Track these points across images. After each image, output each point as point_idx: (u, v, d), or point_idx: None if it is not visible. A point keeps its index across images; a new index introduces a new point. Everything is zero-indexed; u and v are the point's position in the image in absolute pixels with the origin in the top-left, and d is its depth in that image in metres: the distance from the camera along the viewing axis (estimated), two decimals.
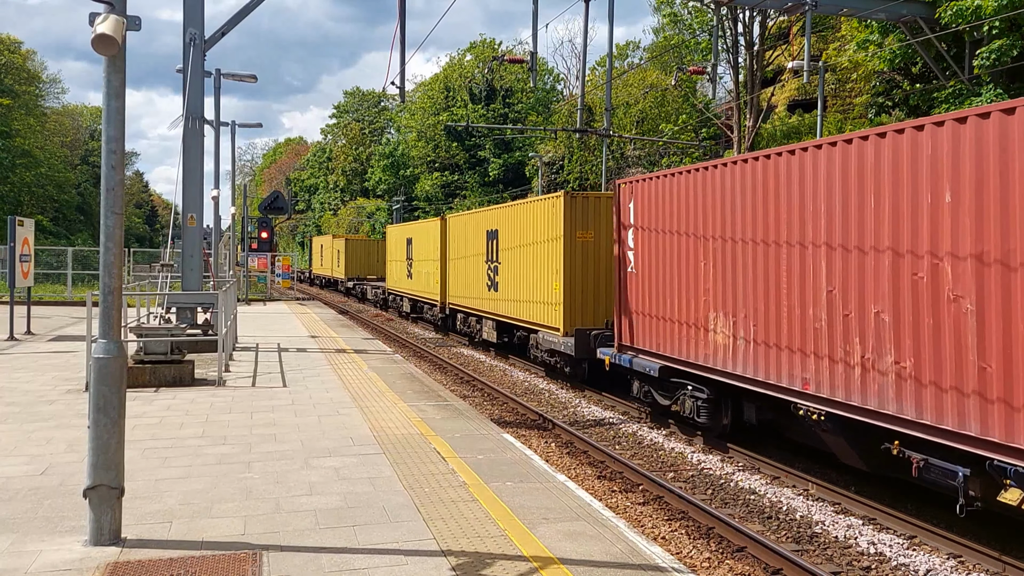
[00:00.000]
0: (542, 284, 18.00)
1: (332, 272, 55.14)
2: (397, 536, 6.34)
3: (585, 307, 16.79)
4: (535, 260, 18.45)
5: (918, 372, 7.99)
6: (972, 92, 18.87)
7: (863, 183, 8.74)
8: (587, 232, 16.86)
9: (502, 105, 63.16)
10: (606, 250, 16.40)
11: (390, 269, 38.44)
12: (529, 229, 18.95)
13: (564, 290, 16.73)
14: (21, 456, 8.52)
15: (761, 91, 40.99)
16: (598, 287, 16.75)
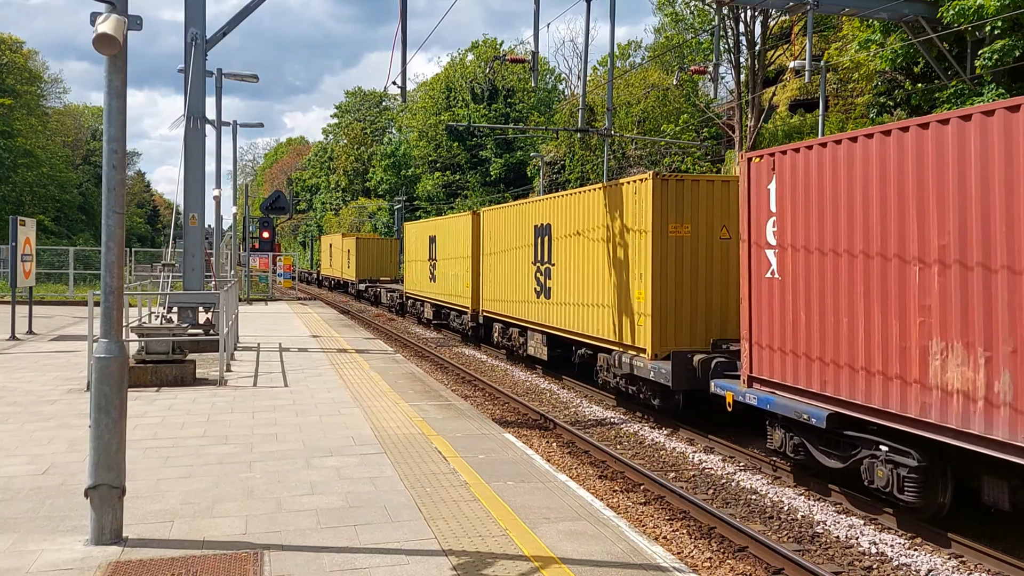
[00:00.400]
0: (616, 291, 14.54)
1: (341, 273, 51.84)
2: (398, 536, 6.34)
3: (680, 322, 13.29)
4: (605, 261, 15.04)
5: None
6: (974, 92, 18.85)
7: None
8: (683, 225, 13.31)
9: (504, 105, 63.18)
10: (709, 248, 13.39)
11: (409, 270, 34.62)
12: (596, 222, 15.47)
13: (653, 300, 13.20)
14: (23, 456, 8.53)
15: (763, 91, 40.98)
16: (696, 296, 13.35)
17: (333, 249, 56.06)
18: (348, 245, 48.39)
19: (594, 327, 15.51)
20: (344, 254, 50.16)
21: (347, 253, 48.69)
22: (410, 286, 33.92)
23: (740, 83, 40.83)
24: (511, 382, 18.70)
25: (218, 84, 27.07)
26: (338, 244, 53.51)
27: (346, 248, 49.16)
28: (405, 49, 17.06)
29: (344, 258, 50.31)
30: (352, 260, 46.94)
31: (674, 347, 12.98)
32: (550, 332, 17.90)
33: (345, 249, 49.65)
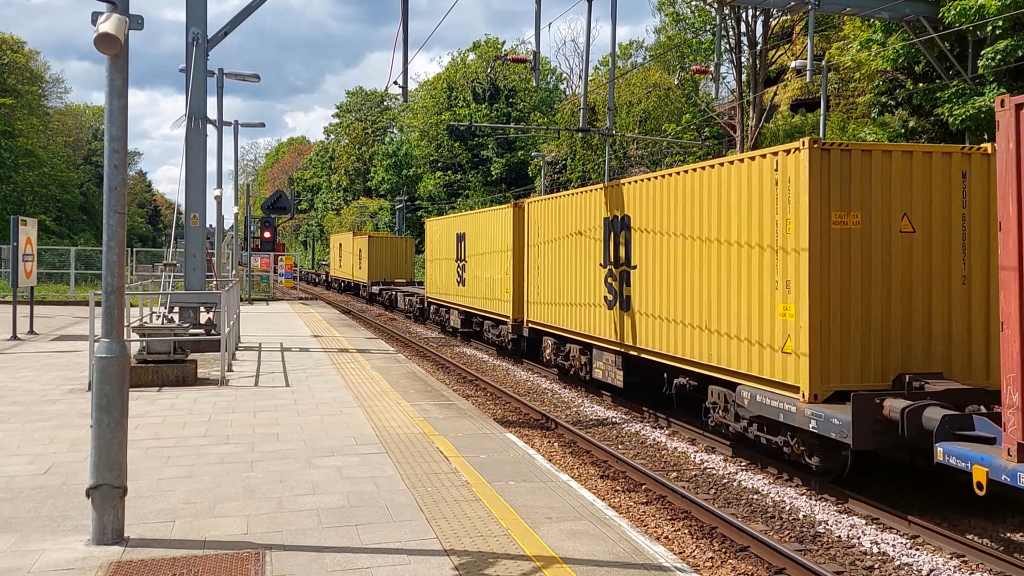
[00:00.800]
0: (741, 304, 10.82)
1: (352, 275, 48.17)
2: (400, 535, 6.34)
3: (849, 350, 9.60)
4: (721, 263, 11.33)
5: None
6: (975, 92, 18.84)
7: None
8: (850, 214, 9.67)
9: (505, 105, 63.20)
10: (885, 245, 9.77)
11: (431, 272, 30.41)
12: (707, 212, 11.71)
13: (811, 318, 9.49)
14: (24, 455, 8.53)
15: (764, 90, 40.97)
16: (870, 313, 9.66)
17: (343, 249, 52.35)
18: (360, 244, 44.70)
19: (703, 350, 11.77)
20: (355, 254, 46.72)
21: (358, 253, 45.16)
22: (433, 290, 29.80)
23: (741, 83, 40.83)
24: (513, 382, 18.69)
25: (219, 84, 27.08)
26: (348, 244, 49.81)
27: (357, 248, 45.74)
28: (406, 49, 17.06)
29: (355, 258, 46.85)
30: (364, 260, 43.43)
31: (839, 384, 9.47)
32: (628, 353, 14.11)
33: (356, 249, 46.12)
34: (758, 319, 10.48)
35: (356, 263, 46.36)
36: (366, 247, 43.07)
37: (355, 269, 46.98)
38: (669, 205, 12.84)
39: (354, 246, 46.97)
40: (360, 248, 44.72)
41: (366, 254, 43.04)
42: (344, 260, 51.77)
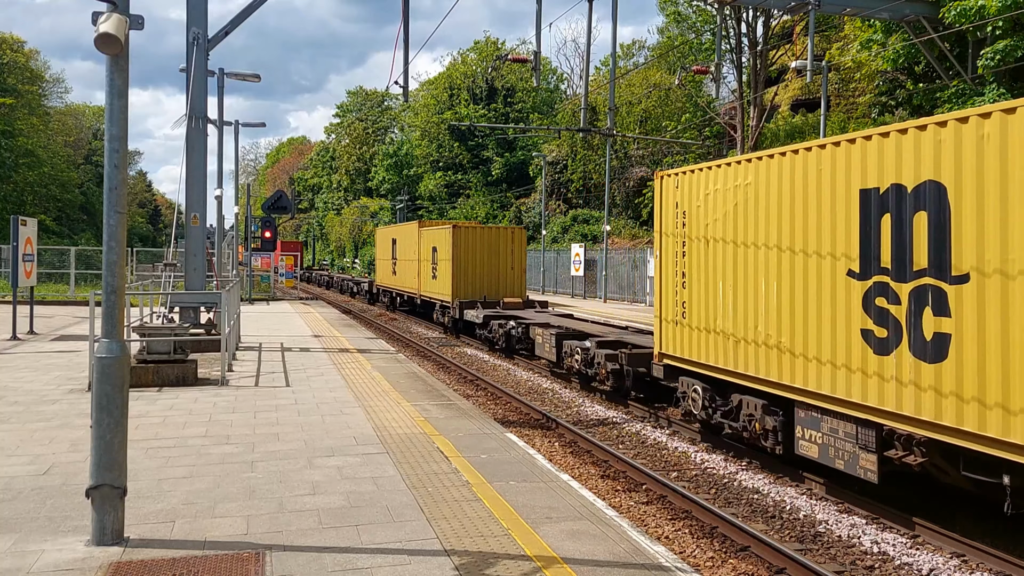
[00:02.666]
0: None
1: (420, 287, 31.68)
2: (400, 536, 6.33)
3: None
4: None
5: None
6: (975, 92, 18.83)
7: None
8: None
9: (503, 104, 63.19)
10: None
11: (671, 285, 12.59)
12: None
13: None
14: (24, 456, 8.53)
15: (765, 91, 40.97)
16: None
17: (400, 248, 36.09)
18: (434, 240, 29.67)
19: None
20: (423, 256, 31.27)
21: (430, 254, 30.17)
22: (680, 342, 12.38)
23: (742, 83, 40.82)
24: (513, 382, 18.69)
25: (220, 84, 27.09)
26: (410, 239, 33.63)
27: (428, 245, 30.53)
28: (407, 49, 17.08)
29: (423, 263, 31.31)
30: (444, 266, 28.08)
31: None
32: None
33: (426, 246, 30.73)
34: None
35: (425, 270, 30.90)
36: (447, 243, 27.75)
37: (425, 279, 31.06)
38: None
39: (422, 244, 31.44)
40: (435, 245, 29.55)
41: (447, 255, 27.80)
42: (402, 265, 35.58)
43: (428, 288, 30.61)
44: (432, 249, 29.82)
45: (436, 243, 29.39)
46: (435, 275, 29.37)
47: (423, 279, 31.42)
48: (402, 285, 35.69)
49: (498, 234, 28.14)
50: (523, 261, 28.18)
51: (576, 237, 47.59)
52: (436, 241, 29.40)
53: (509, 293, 27.25)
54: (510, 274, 27.75)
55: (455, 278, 27.13)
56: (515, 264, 27.82)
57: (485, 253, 27.66)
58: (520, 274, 27.91)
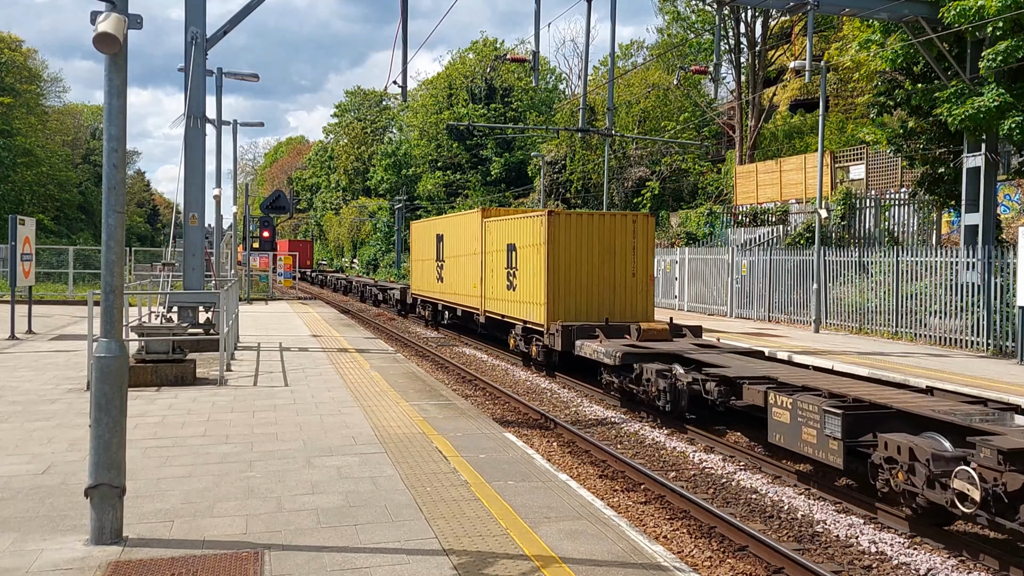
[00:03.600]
0: None
1: (483, 300, 23.42)
2: (399, 535, 6.34)
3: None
4: None
5: None
6: (974, 92, 18.84)
7: None
8: None
9: (501, 104, 63.20)
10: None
11: None
12: None
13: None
14: (23, 455, 8.53)
15: (763, 91, 41.00)
16: None
17: (449, 245, 27.15)
18: (511, 234, 21.07)
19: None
20: (490, 257, 22.76)
21: (502, 255, 21.61)
22: None
23: (741, 83, 40.85)
24: (512, 382, 18.69)
25: (218, 83, 27.09)
26: (467, 234, 24.98)
27: (499, 240, 21.90)
28: (406, 48, 17.09)
29: (490, 266, 22.76)
30: (532, 272, 19.55)
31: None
32: None
33: (496, 243, 22.21)
34: None
35: (495, 277, 22.14)
36: (537, 240, 19.05)
37: (493, 289, 22.38)
38: None
39: (489, 240, 22.74)
40: (511, 242, 20.86)
41: (538, 256, 19.01)
42: (453, 269, 26.51)
43: (499, 302, 21.65)
44: (508, 248, 20.87)
45: (514, 238, 20.48)
46: (512, 284, 20.51)
47: (491, 289, 22.48)
48: (453, 295, 26.47)
49: (614, 224, 18.85)
50: (650, 264, 19.05)
51: None
52: (515, 235, 20.50)
53: (631, 313, 18.73)
54: (631, 284, 18.71)
55: (551, 290, 18.38)
56: (639, 268, 18.78)
57: (596, 253, 18.64)
58: (647, 284, 18.94)
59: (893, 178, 30.47)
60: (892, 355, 17.21)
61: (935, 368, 15.32)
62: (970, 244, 19.95)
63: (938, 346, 19.69)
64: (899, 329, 21.40)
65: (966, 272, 19.65)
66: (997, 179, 20.96)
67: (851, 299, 23.25)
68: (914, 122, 22.44)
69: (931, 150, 22.49)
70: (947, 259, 20.29)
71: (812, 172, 30.61)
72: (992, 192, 20.16)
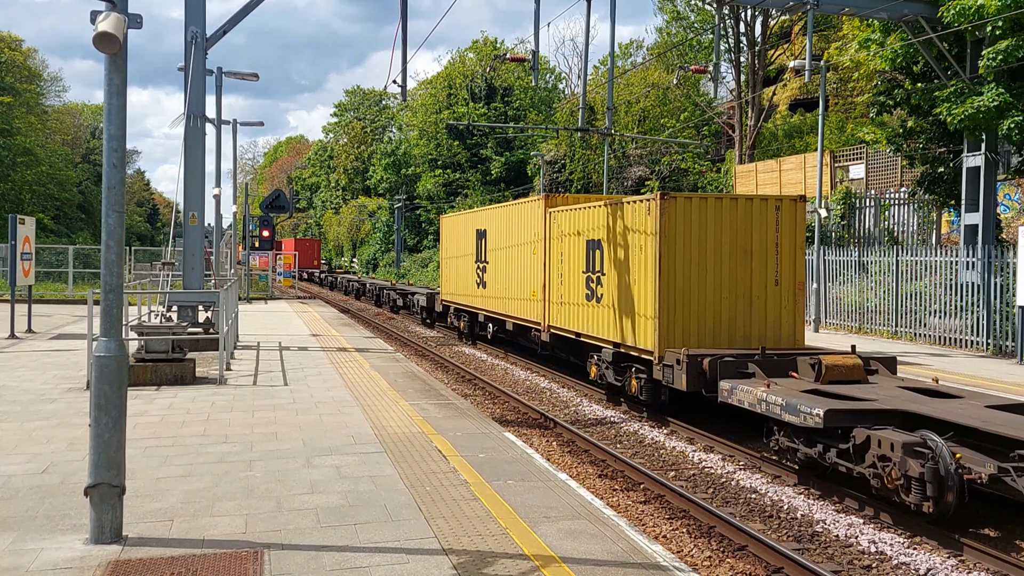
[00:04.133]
0: None
1: (547, 312, 18.23)
2: (399, 535, 6.34)
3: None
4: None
5: None
6: (974, 91, 18.84)
7: None
8: None
9: (502, 103, 63.20)
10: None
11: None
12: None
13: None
14: (22, 454, 8.53)
15: (763, 90, 41.00)
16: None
17: (493, 240, 22.46)
18: (593, 226, 15.82)
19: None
20: (561, 259, 17.45)
21: (578, 254, 16.47)
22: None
23: (740, 82, 40.85)
24: (511, 381, 18.69)
25: (218, 83, 27.09)
26: (521, 228, 20.16)
27: (575, 235, 16.69)
28: (405, 48, 17.07)
29: (558, 269, 17.67)
30: (636, 277, 13.97)
31: None
32: None
33: (569, 240, 17.05)
34: None
35: (570, 284, 17.06)
36: (643, 234, 13.69)
37: (563, 296, 17.39)
38: None
39: (554, 233, 17.91)
40: (595, 237, 15.75)
41: (645, 256, 13.62)
42: (501, 272, 21.54)
43: (573, 316, 16.64)
44: (589, 245, 15.77)
45: (600, 232, 15.28)
46: (596, 293, 15.51)
47: (559, 298, 17.40)
48: (500, 304, 21.48)
49: (750, 212, 13.56)
50: (799, 267, 13.87)
51: None
52: (600, 228, 15.28)
53: (773, 336, 13.61)
54: (774, 296, 13.69)
55: (664, 304, 13.18)
56: (783, 273, 13.70)
57: (726, 252, 13.48)
58: (794, 296, 13.83)
59: (893, 178, 30.48)
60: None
61: (938, 368, 15.31)
62: (970, 244, 19.97)
63: (938, 345, 19.71)
64: (899, 329, 21.48)
65: (966, 272, 19.65)
66: (997, 179, 20.97)
67: (851, 299, 23.42)
68: (914, 122, 22.45)
69: (931, 150, 22.49)
70: (947, 259, 20.31)
71: (812, 172, 30.63)
72: (992, 192, 20.17)
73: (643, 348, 13.72)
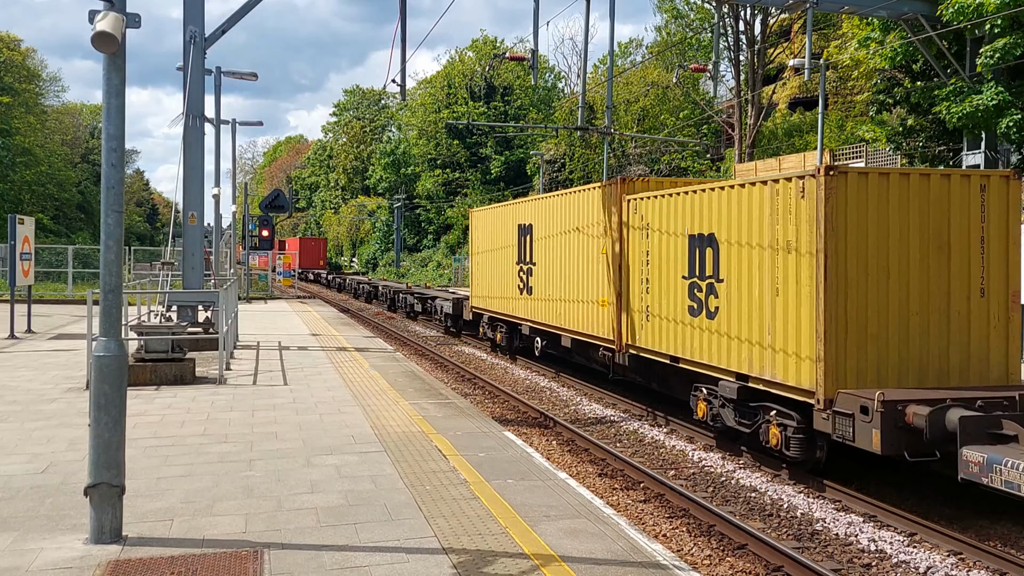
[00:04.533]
0: None
1: (625, 327, 14.42)
2: (398, 534, 6.34)
3: None
4: None
5: None
6: (973, 90, 18.85)
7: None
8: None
9: (501, 102, 63.19)
10: None
11: None
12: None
13: None
14: (22, 454, 8.53)
15: (762, 89, 40.99)
16: None
17: (541, 236, 18.79)
18: (709, 215, 11.85)
19: None
20: (638, 256, 14.03)
21: (684, 256, 12.56)
22: None
23: (740, 81, 40.85)
24: (511, 380, 18.69)
25: (217, 82, 27.08)
26: (587, 220, 16.08)
27: (668, 226, 13.07)
28: (404, 47, 17.06)
29: (639, 272, 14.01)
30: (788, 280, 10.16)
31: None
32: None
33: (655, 232, 13.46)
34: None
35: (647, 289, 13.72)
36: (805, 220, 9.85)
37: (649, 306, 13.65)
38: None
39: (636, 227, 14.11)
40: (708, 229, 11.89)
41: (804, 252, 9.86)
42: (550, 270, 18.19)
43: (668, 334, 13.10)
44: (693, 241, 12.40)
45: (713, 223, 11.91)
46: (706, 306, 12.06)
47: (643, 308, 13.92)
48: (552, 315, 17.90)
49: (947, 192, 10.07)
50: (1016, 268, 10.37)
51: None
52: (713, 217, 11.91)
53: (979, 368, 10.09)
54: (979, 310, 10.10)
55: (834, 326, 9.61)
56: (989, 278, 10.15)
57: (914, 247, 9.98)
58: (1007, 309, 10.21)
59: None
60: None
61: None
62: None
63: None
64: None
65: None
66: None
67: None
68: (913, 120, 22.45)
69: (930, 148, 22.51)
70: None
71: None
72: None
73: (793, 385, 10.00)
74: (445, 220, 67.03)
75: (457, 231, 64.49)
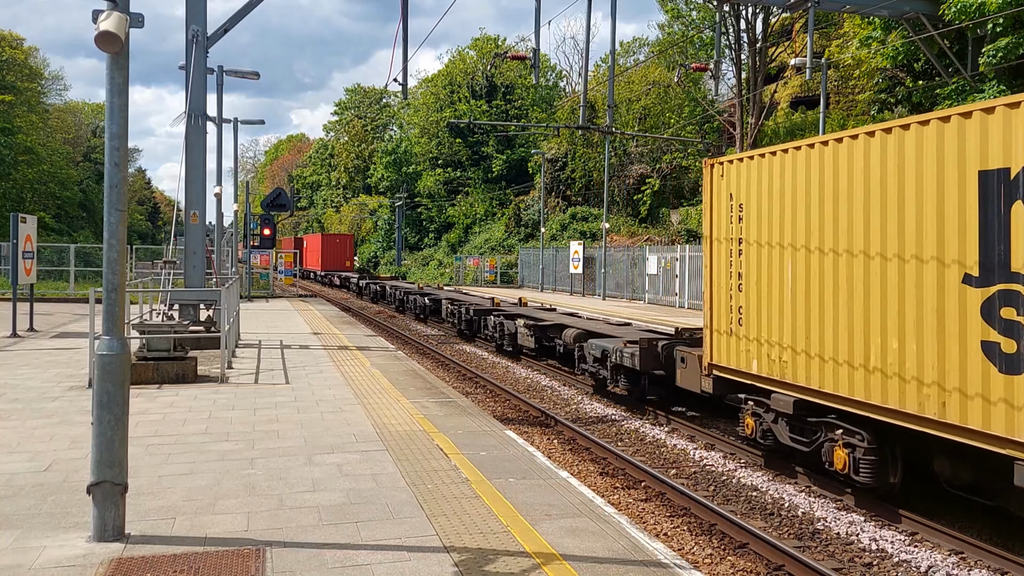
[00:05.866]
0: None
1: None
2: (400, 532, 6.35)
3: None
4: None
5: None
6: (975, 89, 18.84)
7: None
8: None
9: (503, 101, 63.18)
10: None
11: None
12: None
13: None
14: (25, 452, 8.54)
15: (764, 88, 40.97)
16: None
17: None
18: None
19: None
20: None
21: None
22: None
23: (741, 80, 40.82)
24: (512, 379, 18.70)
25: (219, 81, 27.12)
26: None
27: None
28: (406, 46, 17.08)
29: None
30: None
31: None
32: None
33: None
34: None
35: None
36: None
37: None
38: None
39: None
40: None
41: None
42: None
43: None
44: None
45: None
46: None
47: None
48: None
49: None
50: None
51: (575, 235, 47.57)
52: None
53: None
54: None
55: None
56: None
57: None
58: None
59: None
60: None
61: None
62: None
63: None
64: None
65: None
66: None
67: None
68: None
69: None
70: None
71: None
72: None
73: None
74: (446, 219, 67.04)
75: (458, 230, 64.48)
